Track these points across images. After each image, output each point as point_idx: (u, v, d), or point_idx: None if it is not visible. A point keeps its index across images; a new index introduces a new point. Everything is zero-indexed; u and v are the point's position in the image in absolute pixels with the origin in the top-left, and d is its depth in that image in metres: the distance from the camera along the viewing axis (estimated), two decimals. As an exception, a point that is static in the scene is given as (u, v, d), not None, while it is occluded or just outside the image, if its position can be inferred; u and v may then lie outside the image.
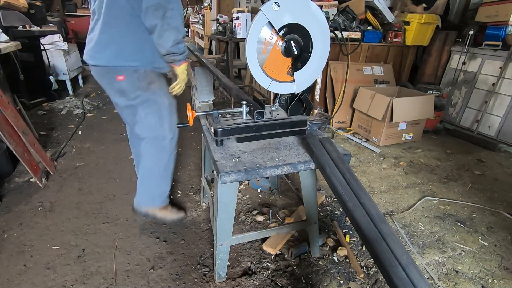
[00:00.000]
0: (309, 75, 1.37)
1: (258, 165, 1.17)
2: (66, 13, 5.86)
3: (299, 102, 1.45)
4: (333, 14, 3.41)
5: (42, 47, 3.82)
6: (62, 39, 4.24)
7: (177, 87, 1.64)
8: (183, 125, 1.57)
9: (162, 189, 1.78)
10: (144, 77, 1.54)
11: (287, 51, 1.28)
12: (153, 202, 1.77)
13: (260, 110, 1.33)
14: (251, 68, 1.28)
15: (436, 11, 3.62)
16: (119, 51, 1.46)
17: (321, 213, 2.03)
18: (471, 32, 3.30)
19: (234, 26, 3.96)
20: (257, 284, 1.47)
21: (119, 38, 1.45)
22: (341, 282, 1.50)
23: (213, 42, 5.73)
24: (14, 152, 2.03)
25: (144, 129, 1.65)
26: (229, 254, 1.50)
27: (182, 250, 1.67)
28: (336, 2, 3.52)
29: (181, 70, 1.58)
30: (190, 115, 1.32)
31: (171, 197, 2.05)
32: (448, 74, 3.76)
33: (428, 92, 3.41)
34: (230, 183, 1.15)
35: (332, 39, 1.49)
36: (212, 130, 1.31)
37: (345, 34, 3.23)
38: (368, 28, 3.59)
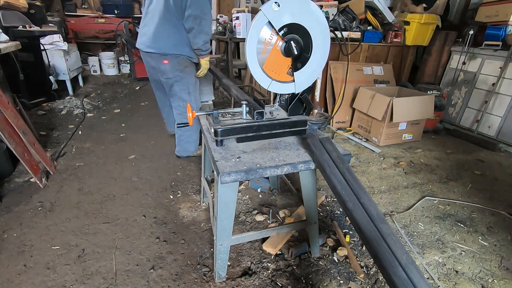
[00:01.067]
0: (309, 75, 1.37)
1: (258, 165, 1.17)
2: (66, 13, 5.85)
3: (299, 102, 1.45)
4: (333, 14, 3.41)
5: (42, 47, 3.82)
6: (62, 39, 4.24)
7: (201, 73, 2.34)
8: (183, 125, 1.58)
9: (195, 141, 2.58)
10: (182, 62, 2.20)
11: (287, 51, 1.28)
12: (189, 151, 2.61)
13: (260, 110, 1.33)
14: (251, 68, 1.28)
15: (436, 11, 3.62)
16: (168, 43, 2.10)
17: (321, 213, 2.03)
18: (471, 32, 3.30)
19: (234, 26, 3.96)
20: (257, 284, 1.47)
21: (167, 34, 2.08)
22: (341, 282, 1.50)
23: (213, 42, 5.73)
24: (14, 152, 2.02)
25: (178, 100, 2.35)
26: (229, 254, 1.50)
27: (182, 250, 1.67)
28: (336, 2, 3.51)
29: (204, 61, 2.27)
30: (190, 115, 1.32)
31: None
32: (448, 74, 3.76)
33: (428, 92, 3.41)
34: (230, 183, 1.15)
35: (332, 39, 1.50)
36: (212, 130, 1.31)
37: (345, 34, 3.23)
38: (368, 28, 3.59)
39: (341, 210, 2.06)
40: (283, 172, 1.21)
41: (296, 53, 1.25)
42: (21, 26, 3.34)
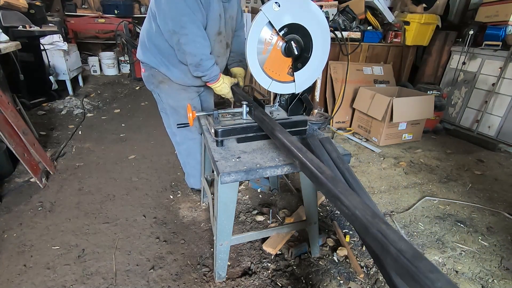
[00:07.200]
0: (309, 75, 1.37)
1: (258, 165, 1.17)
2: (66, 13, 5.84)
3: (299, 102, 1.45)
4: (333, 14, 3.40)
5: (42, 47, 3.82)
6: (62, 39, 4.24)
7: (226, 97, 1.72)
8: (183, 125, 1.58)
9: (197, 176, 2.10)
10: (156, 75, 1.72)
11: (287, 51, 1.28)
12: (190, 183, 2.19)
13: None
14: (251, 68, 1.28)
15: (436, 11, 3.61)
16: (140, 50, 1.74)
17: (321, 213, 2.03)
18: (471, 32, 3.30)
19: (234, 26, 3.95)
20: (257, 284, 1.47)
21: (141, 38, 1.72)
22: (341, 282, 1.50)
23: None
24: (14, 152, 2.02)
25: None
26: (229, 254, 1.50)
27: (182, 250, 1.67)
28: (336, 2, 3.51)
29: (214, 88, 1.66)
30: (190, 115, 1.32)
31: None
32: (448, 74, 3.76)
33: (428, 92, 3.41)
34: (230, 183, 1.15)
35: (332, 39, 1.50)
36: (212, 131, 1.31)
37: (345, 34, 3.23)
38: (368, 28, 3.59)
39: (341, 210, 2.06)
40: (283, 172, 1.21)
41: (296, 53, 1.25)
42: (21, 26, 3.34)
